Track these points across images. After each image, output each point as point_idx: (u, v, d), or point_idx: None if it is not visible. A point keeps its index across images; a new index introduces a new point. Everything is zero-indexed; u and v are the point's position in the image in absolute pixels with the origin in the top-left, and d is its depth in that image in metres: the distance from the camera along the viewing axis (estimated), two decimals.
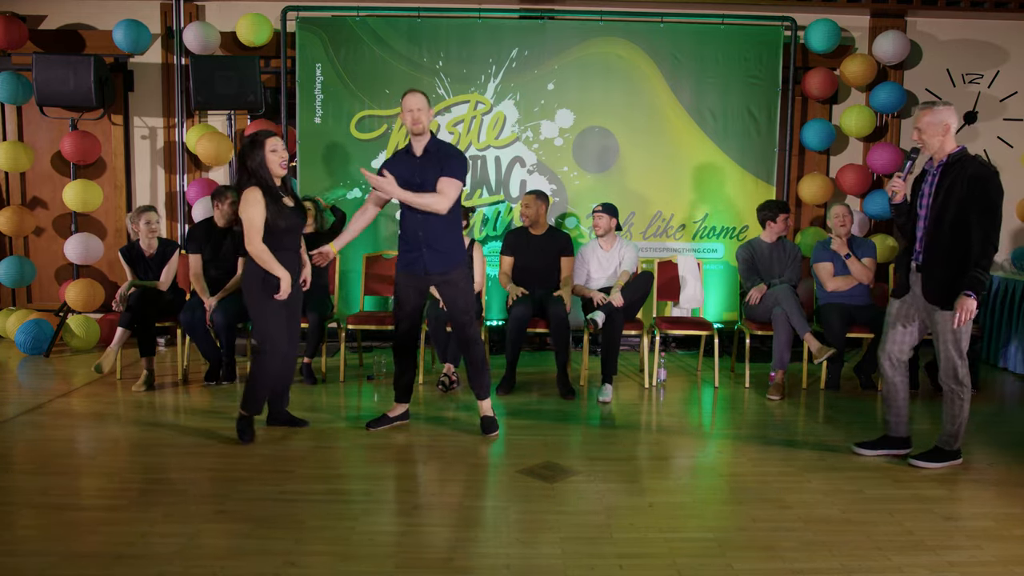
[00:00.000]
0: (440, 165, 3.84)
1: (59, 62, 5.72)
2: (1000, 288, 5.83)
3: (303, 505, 3.13)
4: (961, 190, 3.34)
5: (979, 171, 3.34)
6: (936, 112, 3.40)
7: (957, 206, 3.35)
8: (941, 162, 3.45)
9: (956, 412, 3.54)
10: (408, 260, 3.94)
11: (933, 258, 3.45)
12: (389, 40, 6.04)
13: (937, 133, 3.41)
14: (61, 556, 2.67)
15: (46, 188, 6.45)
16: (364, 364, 5.68)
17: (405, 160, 3.92)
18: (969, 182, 3.33)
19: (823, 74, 6.10)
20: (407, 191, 3.81)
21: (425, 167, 3.86)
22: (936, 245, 3.43)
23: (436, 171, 3.84)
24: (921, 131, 3.43)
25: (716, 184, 6.15)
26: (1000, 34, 6.41)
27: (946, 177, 3.41)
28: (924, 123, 3.42)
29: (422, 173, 3.86)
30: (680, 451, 3.90)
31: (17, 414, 4.35)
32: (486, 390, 4.10)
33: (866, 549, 2.80)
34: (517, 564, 2.66)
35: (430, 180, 3.84)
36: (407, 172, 3.87)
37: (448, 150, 3.92)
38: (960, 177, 3.35)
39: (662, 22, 6.06)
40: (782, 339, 4.92)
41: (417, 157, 3.88)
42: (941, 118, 3.40)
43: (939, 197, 3.41)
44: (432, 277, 3.94)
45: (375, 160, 6.11)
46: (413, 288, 3.98)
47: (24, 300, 6.56)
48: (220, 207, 5.04)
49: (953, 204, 3.36)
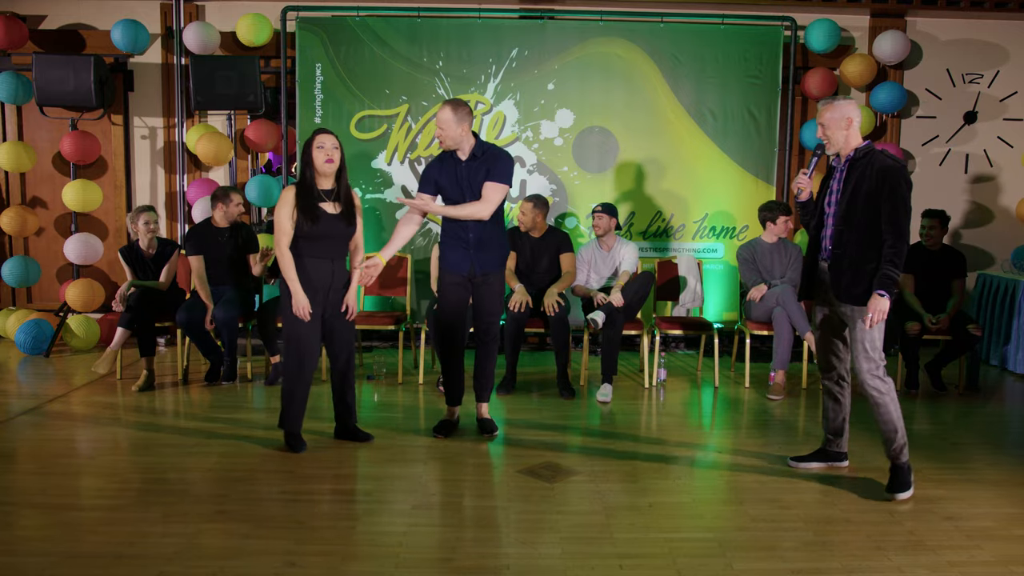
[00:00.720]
0: (487, 168, 3.82)
1: (59, 62, 5.71)
2: (1000, 288, 5.83)
3: (303, 505, 3.13)
4: (869, 184, 3.22)
5: (887, 163, 3.22)
6: (837, 107, 3.30)
7: (866, 201, 3.23)
8: (848, 157, 3.33)
9: (889, 416, 3.27)
10: (455, 260, 3.90)
11: (843, 255, 3.31)
12: (389, 40, 6.04)
13: (840, 128, 3.29)
14: (61, 556, 2.67)
15: (46, 188, 6.45)
16: (364, 364, 5.68)
17: (451, 164, 3.87)
18: (878, 175, 3.21)
19: (823, 74, 6.10)
20: (448, 206, 3.82)
21: (472, 172, 3.83)
22: (845, 242, 3.30)
23: (483, 175, 3.81)
24: (824, 126, 3.33)
25: (716, 184, 6.14)
26: (1000, 34, 6.41)
27: (853, 172, 3.30)
28: (826, 118, 3.31)
29: (469, 178, 3.82)
30: (680, 451, 3.90)
31: (17, 414, 4.35)
32: (488, 393, 4.11)
33: (866, 549, 2.80)
34: (517, 564, 2.66)
35: (477, 185, 3.81)
36: (453, 177, 3.84)
37: (495, 152, 3.88)
38: (868, 172, 3.24)
39: (662, 22, 6.06)
40: (782, 339, 4.92)
41: (463, 162, 3.84)
42: (843, 112, 3.29)
43: (847, 193, 3.29)
44: (477, 278, 3.91)
45: (375, 160, 6.11)
46: (461, 286, 3.94)
47: (24, 300, 6.56)
48: (224, 208, 5.03)
49: (861, 199, 3.24)
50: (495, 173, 3.81)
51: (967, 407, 4.80)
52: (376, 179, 6.14)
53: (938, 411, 4.69)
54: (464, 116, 3.79)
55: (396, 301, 5.99)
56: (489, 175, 3.80)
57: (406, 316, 5.49)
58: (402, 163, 6.13)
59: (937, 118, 6.45)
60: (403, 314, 5.44)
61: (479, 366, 4.08)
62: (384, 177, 6.14)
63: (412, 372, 5.39)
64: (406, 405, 4.67)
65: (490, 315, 3.98)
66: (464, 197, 3.83)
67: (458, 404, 4.13)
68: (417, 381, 5.14)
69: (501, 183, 3.81)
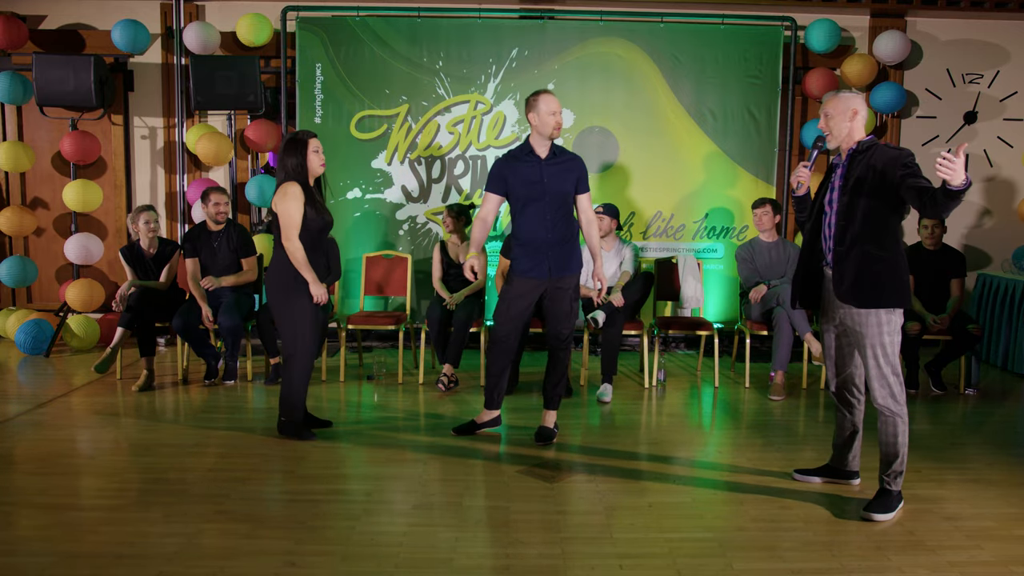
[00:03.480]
0: (575, 175, 3.86)
1: (59, 62, 5.72)
2: (1000, 288, 5.83)
3: (303, 505, 3.13)
4: (874, 177, 3.01)
5: (894, 152, 3.02)
6: (843, 98, 3.16)
7: (869, 195, 3.03)
8: (850, 150, 3.14)
9: (895, 439, 3.09)
10: (529, 266, 3.83)
11: (843, 250, 3.09)
12: (389, 40, 6.04)
13: (845, 118, 3.12)
14: (61, 556, 2.67)
15: (46, 188, 6.45)
16: (364, 364, 5.68)
17: (529, 162, 3.82)
18: (886, 167, 2.99)
19: (823, 74, 6.10)
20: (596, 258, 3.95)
21: (554, 170, 3.82)
22: (847, 239, 3.08)
23: (568, 177, 3.83)
24: (828, 116, 3.16)
25: (716, 184, 6.15)
26: (1000, 34, 6.41)
27: (855, 166, 3.10)
28: (831, 107, 3.16)
29: (550, 176, 3.80)
30: (680, 451, 3.90)
31: (17, 414, 4.35)
32: (558, 401, 4.04)
33: (866, 549, 2.80)
34: (517, 564, 2.66)
35: (555, 184, 3.80)
36: (532, 174, 3.81)
37: (577, 159, 3.93)
38: (871, 164, 3.04)
39: (662, 22, 6.06)
40: (782, 339, 4.92)
41: (542, 159, 3.82)
42: (849, 103, 3.13)
43: (848, 187, 3.09)
44: (552, 281, 3.86)
45: (375, 160, 6.11)
46: (530, 293, 3.88)
47: (24, 300, 6.56)
48: (204, 208, 5.05)
49: (865, 194, 3.04)
50: (584, 184, 3.91)
51: (967, 407, 4.80)
52: (376, 179, 6.14)
53: (938, 411, 4.69)
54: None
55: (396, 301, 6.00)
56: (579, 187, 3.88)
57: (406, 316, 5.49)
58: (402, 163, 6.13)
59: (937, 118, 6.45)
60: (403, 314, 5.45)
61: (552, 373, 4.00)
62: (384, 177, 6.14)
63: (412, 372, 5.39)
64: (406, 405, 4.67)
65: (566, 321, 3.92)
66: (543, 196, 3.80)
67: (494, 409, 4.05)
68: (417, 381, 5.14)
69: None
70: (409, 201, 6.16)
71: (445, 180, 6.16)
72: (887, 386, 3.05)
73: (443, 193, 6.16)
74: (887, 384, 3.05)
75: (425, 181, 6.16)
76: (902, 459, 3.11)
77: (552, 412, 4.01)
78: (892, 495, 3.12)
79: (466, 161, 6.15)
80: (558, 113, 3.76)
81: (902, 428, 3.08)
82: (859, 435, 3.36)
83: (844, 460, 3.41)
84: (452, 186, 6.17)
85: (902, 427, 3.08)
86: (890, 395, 3.06)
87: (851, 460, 3.40)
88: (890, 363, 3.05)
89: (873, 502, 3.12)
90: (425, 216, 6.17)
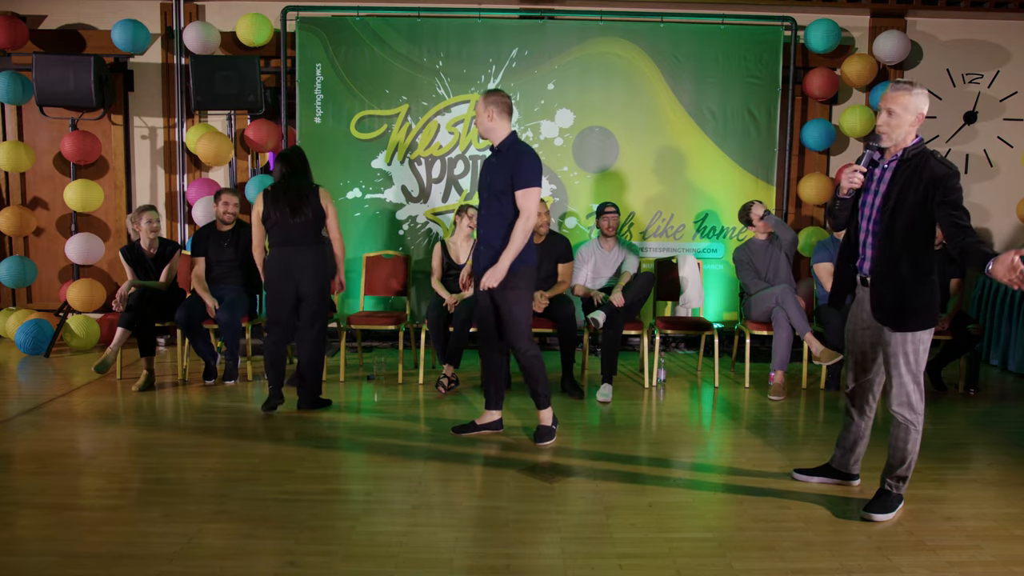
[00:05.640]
0: (511, 169, 3.70)
1: (59, 62, 5.72)
2: (1000, 288, 5.83)
3: (303, 505, 3.13)
4: (916, 193, 2.85)
5: (941, 171, 2.82)
6: (916, 93, 2.86)
7: (912, 210, 2.86)
8: (895, 156, 2.93)
9: (905, 445, 3.03)
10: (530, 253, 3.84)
11: (883, 271, 2.97)
12: (389, 40, 6.04)
13: (909, 120, 2.87)
14: (61, 556, 2.67)
15: (46, 188, 6.45)
16: (364, 364, 5.68)
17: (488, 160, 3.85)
18: (928, 185, 2.83)
19: (824, 74, 6.10)
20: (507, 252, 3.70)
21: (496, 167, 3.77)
22: (886, 256, 2.95)
23: (506, 173, 3.71)
24: (893, 112, 2.87)
25: (716, 184, 6.15)
26: (1000, 34, 6.41)
27: (899, 175, 2.90)
28: (902, 103, 2.85)
29: (491, 173, 3.78)
30: (680, 451, 3.90)
31: (17, 414, 4.35)
32: (546, 399, 3.99)
33: (866, 549, 2.80)
34: (517, 564, 2.66)
35: (497, 182, 3.73)
36: (487, 172, 3.83)
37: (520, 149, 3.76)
38: (916, 178, 2.86)
39: (662, 22, 6.06)
40: (782, 339, 4.92)
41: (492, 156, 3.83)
42: (918, 105, 2.86)
43: (891, 198, 2.91)
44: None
45: (375, 160, 6.11)
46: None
47: (24, 300, 6.56)
48: (215, 207, 5.07)
49: (907, 208, 2.87)
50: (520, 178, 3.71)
51: (967, 407, 4.80)
52: (376, 179, 6.14)
53: (938, 411, 4.69)
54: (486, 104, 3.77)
55: (396, 301, 6.00)
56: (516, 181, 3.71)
57: (406, 316, 5.49)
58: (402, 163, 6.13)
59: (937, 118, 6.45)
60: (403, 314, 5.44)
61: (527, 378, 3.98)
62: (384, 177, 6.14)
63: (412, 372, 5.40)
64: (406, 405, 4.67)
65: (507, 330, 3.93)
66: (481, 193, 3.82)
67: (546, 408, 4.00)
68: (417, 381, 5.14)
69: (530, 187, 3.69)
70: (409, 201, 6.16)
71: (445, 180, 6.17)
72: (905, 394, 3.00)
73: (443, 193, 6.16)
74: (906, 392, 2.99)
75: (425, 181, 6.16)
76: (908, 465, 3.07)
77: (545, 411, 4.00)
78: (892, 496, 3.11)
79: (466, 161, 6.15)
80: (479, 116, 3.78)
81: (914, 436, 3.03)
82: (865, 442, 3.34)
83: (847, 463, 3.39)
84: (452, 186, 6.17)
85: (914, 435, 3.03)
86: (907, 403, 3.00)
87: (853, 464, 3.39)
88: (912, 372, 2.98)
89: (873, 502, 3.11)
90: (425, 216, 6.17)
